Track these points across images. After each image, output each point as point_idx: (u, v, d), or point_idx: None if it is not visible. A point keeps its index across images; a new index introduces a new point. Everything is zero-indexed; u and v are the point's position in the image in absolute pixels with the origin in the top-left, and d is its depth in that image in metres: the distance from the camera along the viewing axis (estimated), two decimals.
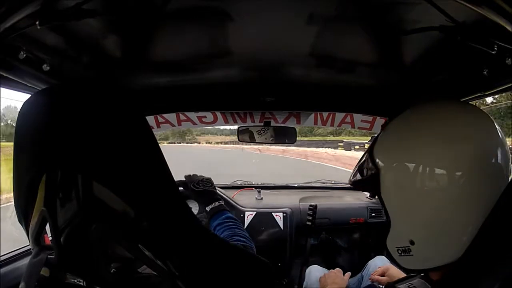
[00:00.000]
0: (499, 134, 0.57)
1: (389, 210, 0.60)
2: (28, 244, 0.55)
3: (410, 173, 0.56)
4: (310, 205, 1.71)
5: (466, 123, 0.57)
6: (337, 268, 1.29)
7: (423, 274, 0.64)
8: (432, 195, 0.54)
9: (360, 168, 0.67)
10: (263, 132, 1.68)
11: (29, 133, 0.49)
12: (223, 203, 0.96)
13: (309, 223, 1.69)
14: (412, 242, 0.57)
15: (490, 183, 0.53)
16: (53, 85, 0.66)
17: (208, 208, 0.94)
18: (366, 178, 0.64)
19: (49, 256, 0.51)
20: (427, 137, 0.56)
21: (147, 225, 0.47)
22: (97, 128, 0.45)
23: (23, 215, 0.53)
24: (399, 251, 0.59)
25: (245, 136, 1.71)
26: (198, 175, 1.11)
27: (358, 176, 0.67)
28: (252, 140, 1.70)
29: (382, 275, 1.21)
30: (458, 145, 0.54)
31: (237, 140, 1.80)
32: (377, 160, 0.62)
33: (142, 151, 0.47)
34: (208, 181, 1.06)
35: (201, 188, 1.03)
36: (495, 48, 0.62)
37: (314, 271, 1.47)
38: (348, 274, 1.28)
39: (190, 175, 1.10)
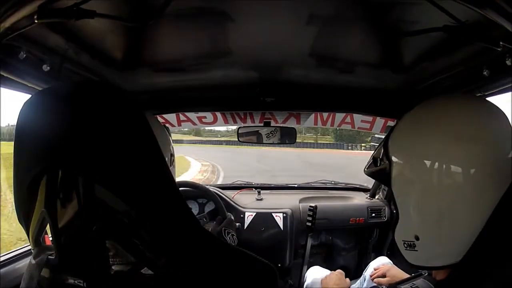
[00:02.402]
0: None
1: (398, 202, 0.61)
2: (29, 244, 0.55)
3: (420, 168, 0.56)
4: (310, 206, 1.70)
5: (480, 120, 0.56)
6: (339, 270, 1.28)
7: (426, 274, 0.64)
8: (440, 192, 0.54)
9: (374, 158, 0.68)
10: (271, 135, 1.68)
11: (30, 134, 0.49)
12: None
13: (309, 224, 1.69)
14: (417, 238, 0.57)
15: (501, 182, 0.52)
16: (54, 86, 0.66)
17: None
18: (379, 169, 0.65)
19: (49, 257, 0.51)
20: (440, 133, 0.56)
21: (149, 226, 0.47)
22: (98, 129, 0.45)
23: (24, 216, 0.53)
24: (405, 245, 0.60)
25: (251, 137, 1.71)
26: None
27: (372, 166, 0.68)
28: (259, 141, 1.70)
29: (383, 276, 1.21)
30: (471, 142, 0.53)
31: None
32: (389, 152, 0.62)
33: (143, 153, 0.47)
34: (234, 240, 1.13)
35: (226, 238, 1.13)
36: (500, 44, 0.62)
37: (316, 272, 1.46)
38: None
39: (231, 221, 1.16)
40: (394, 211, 0.63)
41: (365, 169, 0.72)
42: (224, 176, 11.13)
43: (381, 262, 1.41)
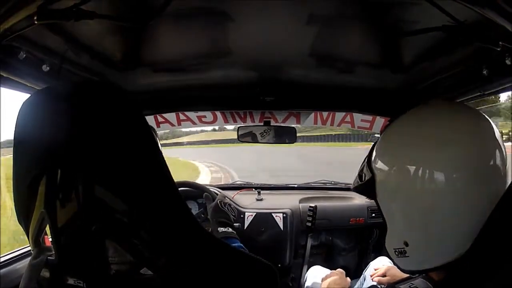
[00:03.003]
0: (496, 135, 0.56)
1: (384, 212, 0.62)
2: (29, 245, 0.55)
3: (402, 175, 0.57)
4: (310, 206, 1.70)
5: (460, 126, 0.57)
6: (339, 269, 1.28)
7: (424, 274, 0.65)
8: (424, 198, 0.55)
9: (359, 173, 0.69)
10: (265, 133, 1.68)
11: (28, 134, 0.49)
12: (235, 233, 0.97)
13: (309, 224, 1.69)
14: (406, 244, 0.58)
15: (486, 185, 0.53)
16: (53, 86, 0.66)
17: (220, 230, 0.96)
18: (364, 183, 0.67)
19: (49, 257, 0.51)
20: (420, 139, 0.57)
21: (148, 226, 0.47)
22: (97, 129, 0.45)
23: (23, 216, 0.53)
24: (396, 252, 0.61)
25: (248, 137, 1.71)
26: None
27: (357, 182, 0.70)
28: (254, 141, 1.70)
29: (384, 275, 1.21)
30: (451, 146, 0.54)
31: None
32: (372, 165, 0.64)
33: (142, 153, 0.47)
34: (234, 210, 1.08)
35: (225, 209, 1.05)
36: (500, 44, 0.62)
37: (317, 272, 1.47)
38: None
39: (224, 196, 1.13)
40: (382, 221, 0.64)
41: (352, 187, 0.73)
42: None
43: (381, 262, 1.41)
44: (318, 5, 0.76)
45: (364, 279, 1.40)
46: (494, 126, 0.57)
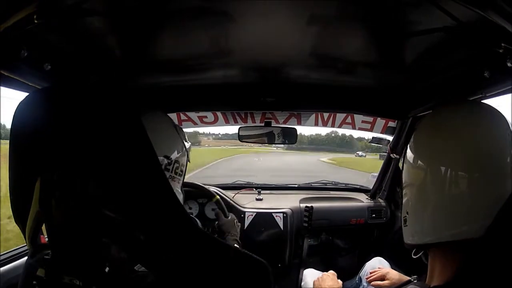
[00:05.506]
0: None
1: (403, 186, 0.70)
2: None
3: (410, 161, 0.66)
4: (306, 207, 1.71)
5: (475, 122, 0.60)
6: (331, 271, 1.29)
7: (416, 280, 0.67)
8: (414, 177, 0.62)
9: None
10: (281, 134, 1.69)
11: (25, 134, 0.49)
12: None
13: (306, 225, 1.69)
14: (407, 213, 0.66)
15: (496, 182, 0.54)
16: (50, 86, 0.66)
17: None
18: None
19: (45, 256, 0.51)
20: (437, 135, 0.62)
21: (143, 224, 0.46)
22: (93, 129, 0.45)
23: (20, 216, 0.53)
24: (404, 221, 0.68)
25: (253, 137, 1.70)
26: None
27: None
28: (271, 142, 1.70)
29: (382, 279, 1.20)
30: (468, 144, 0.57)
31: None
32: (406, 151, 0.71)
33: (137, 152, 0.47)
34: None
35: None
36: (502, 45, 0.62)
37: (310, 274, 1.47)
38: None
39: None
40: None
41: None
42: None
43: (376, 264, 1.40)
44: (319, 5, 0.75)
45: (360, 281, 1.40)
46: (510, 124, 0.60)
